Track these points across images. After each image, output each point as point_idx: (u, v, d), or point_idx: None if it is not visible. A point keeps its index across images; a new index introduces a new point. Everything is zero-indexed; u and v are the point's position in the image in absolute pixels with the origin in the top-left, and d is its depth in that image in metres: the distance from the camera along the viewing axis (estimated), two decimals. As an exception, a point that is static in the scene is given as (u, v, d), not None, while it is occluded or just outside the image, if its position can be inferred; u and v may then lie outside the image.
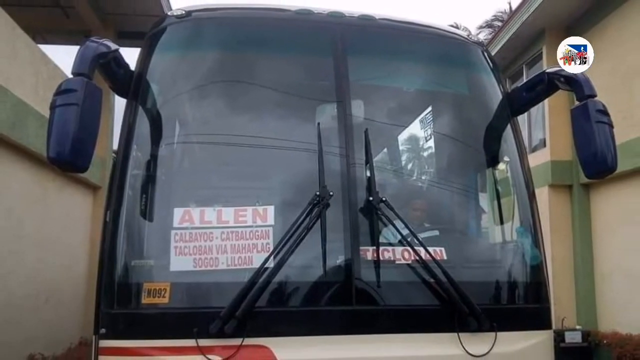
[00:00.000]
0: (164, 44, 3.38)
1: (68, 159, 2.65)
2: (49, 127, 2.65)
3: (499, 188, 3.61)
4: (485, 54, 3.86)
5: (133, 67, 3.28)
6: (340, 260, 2.94)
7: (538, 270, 3.34)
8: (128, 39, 10.84)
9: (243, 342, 2.67)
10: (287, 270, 2.81)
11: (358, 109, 3.31)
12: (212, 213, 2.96)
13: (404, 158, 4.47)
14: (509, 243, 3.56)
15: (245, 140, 3.26)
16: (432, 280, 2.93)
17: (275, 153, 3.27)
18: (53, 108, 2.66)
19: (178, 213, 2.92)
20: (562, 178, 11.50)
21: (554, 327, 4.09)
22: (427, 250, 2.94)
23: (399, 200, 3.22)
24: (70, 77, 2.75)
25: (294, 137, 3.33)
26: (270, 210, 2.95)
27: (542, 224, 3.52)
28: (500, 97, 3.66)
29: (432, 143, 4.11)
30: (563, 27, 11.34)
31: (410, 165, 4.71)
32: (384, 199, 2.97)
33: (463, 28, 21.26)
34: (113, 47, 3.00)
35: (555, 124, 11.30)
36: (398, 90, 3.88)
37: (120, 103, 3.35)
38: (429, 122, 3.97)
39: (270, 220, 2.93)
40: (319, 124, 3.15)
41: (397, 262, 2.99)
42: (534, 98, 3.60)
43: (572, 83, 3.25)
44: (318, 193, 2.88)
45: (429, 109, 3.96)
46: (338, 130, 3.14)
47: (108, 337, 2.78)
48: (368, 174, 3.07)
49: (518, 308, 3.26)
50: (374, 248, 2.94)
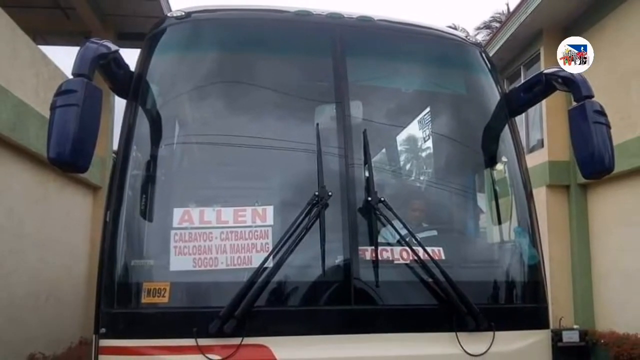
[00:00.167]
0: (164, 45, 3.39)
1: (68, 160, 2.66)
2: (50, 127, 2.65)
3: (497, 188, 3.61)
4: (483, 55, 3.87)
5: (133, 68, 3.29)
6: (339, 260, 2.95)
7: (536, 270, 3.34)
8: (128, 40, 10.88)
9: (242, 341, 2.67)
10: (286, 270, 2.81)
11: (357, 110, 3.32)
12: (211, 213, 2.96)
13: (403, 158, 4.47)
14: (507, 243, 3.56)
15: (245, 141, 3.26)
16: (430, 280, 2.94)
17: (275, 153, 3.28)
18: (53, 109, 2.67)
19: (178, 213, 2.92)
20: (559, 178, 11.53)
21: (552, 326, 4.10)
22: (425, 250, 2.95)
23: (398, 201, 3.23)
24: (71, 78, 2.75)
25: (293, 137, 3.34)
26: (270, 211, 2.96)
27: (539, 224, 3.52)
28: (498, 97, 3.66)
29: (430, 143, 4.13)
30: (561, 28, 11.37)
31: (409, 166, 4.71)
32: (383, 199, 2.98)
33: (461, 29, 21.29)
34: (113, 48, 3.00)
35: (553, 125, 11.34)
36: (396, 91, 3.88)
37: (120, 104, 3.36)
38: (427, 122, 3.98)
39: (270, 220, 2.94)
40: (318, 125, 3.16)
41: (395, 262, 2.99)
42: (532, 99, 3.61)
43: (569, 84, 3.26)
44: (317, 193, 2.88)
45: (427, 110, 3.97)
46: (337, 131, 3.15)
47: (108, 336, 2.79)
48: (367, 175, 3.08)
49: (516, 307, 3.27)
50: (373, 248, 2.95)
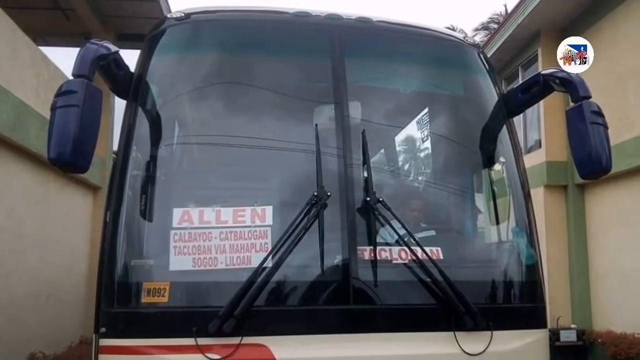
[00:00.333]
0: (164, 46, 3.40)
1: (68, 160, 2.66)
2: (50, 128, 2.66)
3: (495, 188, 3.62)
4: (481, 56, 3.88)
5: (133, 68, 3.30)
6: (338, 260, 2.95)
7: (533, 270, 3.35)
8: (128, 41, 10.90)
9: (242, 340, 2.68)
10: (285, 270, 2.82)
11: (355, 111, 3.33)
12: (211, 213, 2.96)
13: (401, 159, 4.47)
14: (505, 243, 3.57)
15: (244, 141, 3.27)
16: (428, 280, 2.94)
17: (274, 154, 3.29)
18: (54, 109, 2.67)
19: (177, 213, 2.93)
20: (557, 179, 11.55)
21: (549, 326, 4.12)
22: (423, 250, 2.96)
23: (396, 201, 3.24)
24: (71, 78, 2.76)
25: (292, 138, 3.35)
26: (269, 211, 2.97)
27: (537, 224, 3.53)
28: (496, 98, 3.67)
29: (428, 144, 4.14)
30: (558, 29, 11.39)
31: (407, 166, 4.72)
32: (381, 199, 2.99)
33: (459, 30, 21.28)
34: (113, 49, 3.00)
35: (551, 125, 11.36)
36: (395, 92, 3.89)
37: (120, 104, 3.37)
38: (426, 123, 3.99)
39: (269, 220, 2.94)
40: (317, 125, 3.17)
41: (394, 261, 3.00)
42: (530, 99, 3.61)
43: (567, 84, 3.27)
44: (316, 193, 2.89)
45: (426, 110, 3.99)
46: (336, 132, 3.16)
47: (108, 335, 2.79)
48: (365, 175, 3.09)
49: (514, 307, 3.28)
50: (371, 248, 2.96)
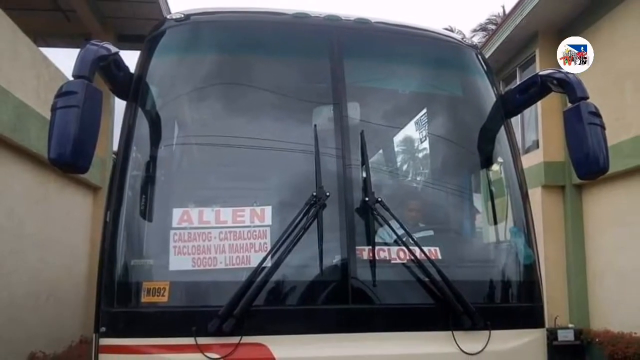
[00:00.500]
0: (163, 47, 3.41)
1: (69, 160, 2.66)
2: (50, 128, 2.66)
3: (493, 189, 3.63)
4: (479, 57, 3.89)
5: (133, 69, 3.31)
6: (337, 260, 2.96)
7: (531, 270, 3.36)
8: (128, 42, 10.93)
9: (241, 340, 2.69)
10: (284, 270, 2.82)
11: (354, 111, 3.34)
12: (210, 213, 2.97)
13: (400, 159, 4.48)
14: (503, 243, 3.58)
15: (243, 142, 3.27)
16: (426, 280, 2.95)
17: (273, 154, 3.30)
18: (54, 110, 2.68)
19: (177, 213, 2.94)
20: (554, 179, 11.58)
21: (547, 325, 4.13)
22: (422, 250, 2.97)
23: (395, 201, 3.25)
24: (71, 79, 2.76)
25: (291, 138, 3.36)
26: (268, 211, 2.98)
27: (535, 224, 3.54)
28: (494, 99, 3.68)
29: (427, 144, 4.15)
30: (556, 30, 11.40)
31: (406, 167, 4.73)
32: (380, 200, 3.00)
33: (457, 31, 21.35)
34: (113, 50, 3.01)
35: (548, 126, 11.38)
36: (393, 93, 3.90)
37: (120, 105, 3.38)
38: (424, 123, 4.00)
39: (268, 221, 2.95)
40: (316, 126, 3.18)
41: (392, 261, 3.01)
42: (527, 100, 3.63)
43: (564, 85, 3.28)
44: (315, 193, 2.90)
45: (424, 111, 3.99)
46: (334, 132, 3.17)
47: (108, 335, 2.80)
48: (364, 175, 3.11)
49: (511, 307, 3.29)
50: (370, 248, 2.96)
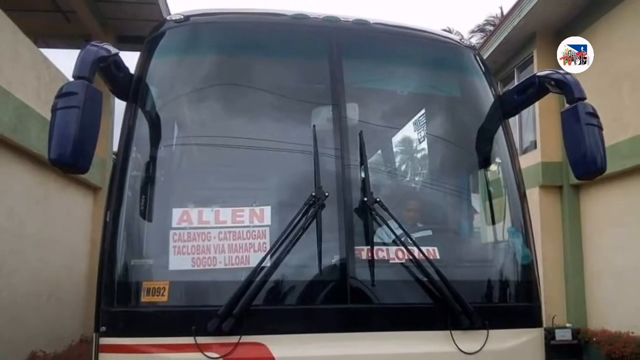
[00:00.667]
0: (163, 48, 3.42)
1: (69, 161, 2.67)
2: (51, 129, 2.67)
3: (491, 189, 3.64)
4: (477, 58, 3.90)
5: (133, 70, 3.31)
6: (336, 260, 2.97)
7: (529, 270, 3.37)
8: (128, 43, 10.96)
9: (240, 339, 2.70)
10: (283, 269, 2.83)
11: (353, 112, 3.35)
12: (210, 213, 2.98)
13: (398, 159, 4.48)
14: (501, 243, 3.59)
15: (243, 142, 3.28)
16: (425, 279, 2.96)
17: (272, 155, 3.32)
18: (54, 110, 2.69)
19: (177, 213, 2.95)
20: (552, 179, 11.61)
21: (545, 325, 4.14)
22: (420, 250, 2.98)
23: (393, 201, 3.26)
24: (71, 80, 2.77)
25: (290, 139, 3.37)
26: (267, 211, 2.99)
27: (533, 224, 3.55)
28: (492, 99, 3.69)
29: (425, 145, 4.16)
30: (553, 31, 11.42)
31: (404, 167, 4.74)
32: (378, 200, 3.01)
33: (456, 32, 21.38)
34: (113, 51, 3.02)
35: (546, 126, 11.42)
36: (392, 93, 3.92)
37: (120, 106, 3.38)
38: (423, 124, 4.01)
39: (267, 221, 2.96)
40: (315, 127, 3.19)
41: (391, 261, 3.02)
42: (525, 101, 3.63)
43: (562, 86, 3.29)
44: (314, 194, 2.91)
45: (422, 112, 4.00)
46: (333, 133, 3.18)
47: (108, 334, 2.81)
48: (363, 175, 3.11)
49: (509, 306, 3.30)
50: (369, 247, 2.98)
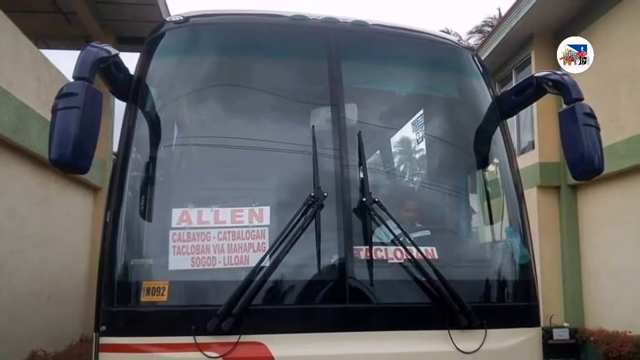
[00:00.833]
0: (163, 49, 3.43)
1: (69, 161, 2.68)
2: (51, 129, 2.68)
3: (489, 189, 3.65)
4: (476, 59, 3.91)
5: (133, 71, 3.32)
6: (334, 260, 2.98)
7: (527, 269, 3.38)
8: (128, 44, 10.99)
9: (240, 339, 2.71)
10: (282, 269, 2.84)
11: (351, 112, 3.36)
12: (209, 213, 2.99)
13: (397, 160, 4.50)
14: (499, 243, 3.60)
15: (242, 143, 3.29)
16: (423, 279, 2.97)
17: (271, 155, 3.33)
18: (55, 111, 2.69)
19: (176, 213, 2.96)
20: (550, 179, 11.64)
21: (543, 324, 4.17)
22: (418, 250, 2.99)
23: (392, 201, 3.26)
24: (72, 81, 2.78)
25: (289, 139, 3.38)
26: (266, 211, 3.00)
27: (530, 224, 3.56)
28: (490, 100, 3.71)
29: (423, 145, 4.17)
30: (551, 32, 11.45)
31: (403, 167, 4.75)
32: (377, 200, 3.01)
33: (454, 33, 21.42)
34: (113, 52, 3.03)
35: (544, 127, 11.44)
36: (390, 94, 3.93)
37: (120, 106, 3.39)
38: (421, 124, 4.03)
39: (266, 221, 2.97)
40: (314, 127, 3.20)
41: (389, 261, 3.03)
42: (523, 101, 3.65)
43: (560, 87, 3.31)
44: (312, 194, 2.92)
45: (421, 112, 4.02)
46: (332, 133, 3.19)
47: (108, 334, 2.81)
48: (361, 176, 3.12)
49: (507, 306, 3.31)
50: (367, 247, 2.98)
